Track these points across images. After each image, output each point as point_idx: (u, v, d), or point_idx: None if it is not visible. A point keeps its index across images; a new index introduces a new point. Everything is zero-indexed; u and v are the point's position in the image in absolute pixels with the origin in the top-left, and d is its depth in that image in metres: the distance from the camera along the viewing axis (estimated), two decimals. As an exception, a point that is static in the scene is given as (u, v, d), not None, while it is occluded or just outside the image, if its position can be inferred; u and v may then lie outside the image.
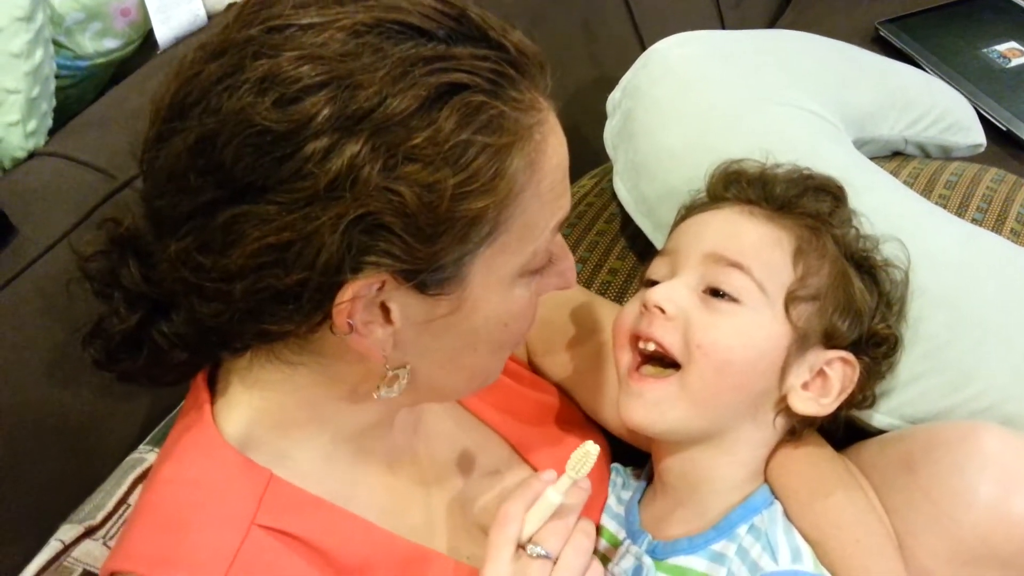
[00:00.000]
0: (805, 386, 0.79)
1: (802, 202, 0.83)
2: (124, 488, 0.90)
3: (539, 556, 0.70)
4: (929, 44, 1.63)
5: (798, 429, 0.81)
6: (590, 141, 1.15)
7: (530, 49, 0.64)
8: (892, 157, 1.24)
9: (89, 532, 0.87)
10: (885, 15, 1.73)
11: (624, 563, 0.81)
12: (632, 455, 0.93)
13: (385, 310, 0.63)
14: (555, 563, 0.71)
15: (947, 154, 1.28)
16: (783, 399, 0.79)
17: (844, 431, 0.86)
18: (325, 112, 0.57)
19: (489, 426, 0.88)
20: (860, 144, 1.14)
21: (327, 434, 0.73)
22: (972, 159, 1.28)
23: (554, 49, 0.67)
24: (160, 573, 0.65)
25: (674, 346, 0.77)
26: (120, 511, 0.89)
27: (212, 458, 0.70)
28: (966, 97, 1.36)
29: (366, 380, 0.69)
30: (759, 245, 0.80)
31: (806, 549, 0.74)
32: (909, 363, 0.86)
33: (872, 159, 1.07)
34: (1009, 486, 0.75)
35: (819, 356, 0.79)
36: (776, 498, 0.79)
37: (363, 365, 0.67)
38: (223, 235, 0.60)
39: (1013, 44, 1.64)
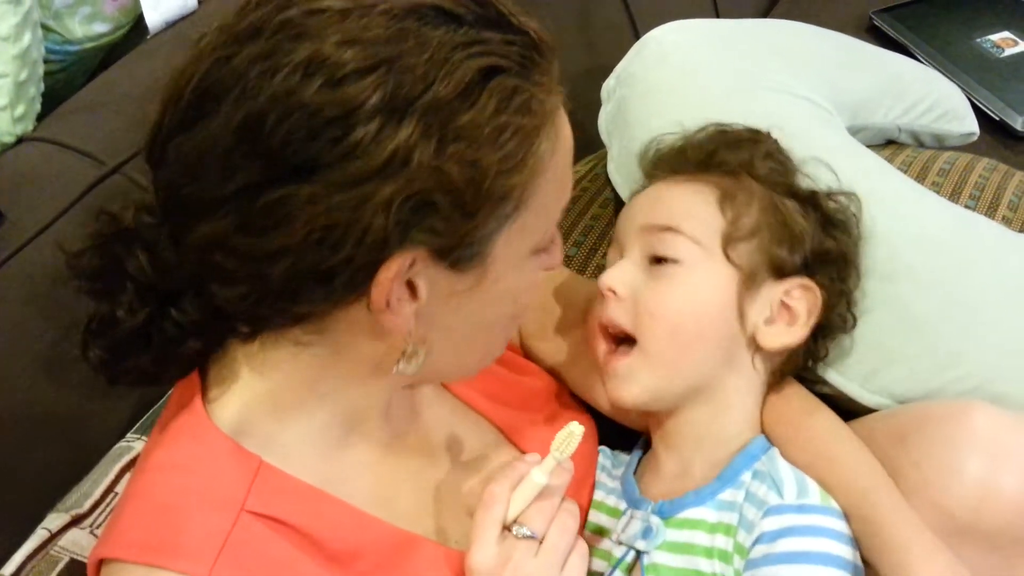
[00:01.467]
0: (769, 321, 0.82)
1: (717, 157, 0.86)
2: (111, 477, 0.89)
3: (524, 537, 0.71)
4: (923, 34, 1.63)
5: (784, 370, 0.84)
6: (584, 128, 1.14)
7: (547, 35, 0.66)
8: (886, 145, 1.24)
9: (76, 521, 0.87)
10: (879, 5, 1.72)
11: (631, 529, 0.81)
12: (619, 438, 0.93)
13: (411, 286, 0.65)
14: (541, 543, 0.71)
15: (940, 143, 1.28)
16: (752, 340, 0.81)
17: (836, 412, 0.86)
18: (376, 95, 0.58)
19: (478, 413, 0.88)
20: (854, 132, 1.14)
21: (320, 419, 0.72)
22: (965, 148, 1.28)
23: (549, 36, 0.68)
24: (148, 560, 0.65)
25: (626, 322, 0.81)
26: (107, 500, 0.88)
27: (202, 443, 0.69)
28: (960, 87, 1.36)
29: (387, 356, 0.69)
30: (683, 203, 0.84)
31: (812, 483, 0.76)
32: (900, 343, 0.87)
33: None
34: (998, 462, 0.76)
35: (774, 289, 0.82)
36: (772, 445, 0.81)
37: (378, 343, 0.68)
38: (264, 217, 0.60)
39: (1007, 34, 1.64)
